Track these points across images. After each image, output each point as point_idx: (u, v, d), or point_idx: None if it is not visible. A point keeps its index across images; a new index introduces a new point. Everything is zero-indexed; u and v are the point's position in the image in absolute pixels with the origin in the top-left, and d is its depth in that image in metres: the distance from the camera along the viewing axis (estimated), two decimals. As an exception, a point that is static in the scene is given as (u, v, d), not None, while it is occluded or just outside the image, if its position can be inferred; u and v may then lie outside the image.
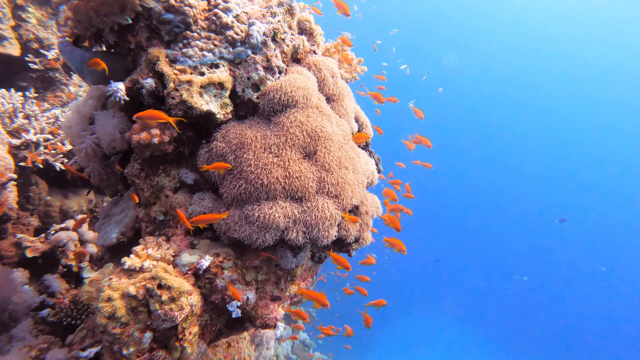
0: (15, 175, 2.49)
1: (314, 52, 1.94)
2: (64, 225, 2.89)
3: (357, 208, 1.82)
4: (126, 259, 1.45)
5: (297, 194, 1.53)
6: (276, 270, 1.64)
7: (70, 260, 2.77)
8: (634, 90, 24.64)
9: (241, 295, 1.52)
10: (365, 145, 2.13)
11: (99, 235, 1.75)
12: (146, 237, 1.55)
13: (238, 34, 1.59)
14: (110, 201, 1.92)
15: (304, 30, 1.93)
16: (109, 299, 1.34)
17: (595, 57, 25.29)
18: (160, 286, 1.37)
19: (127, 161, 1.68)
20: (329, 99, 1.85)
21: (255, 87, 1.62)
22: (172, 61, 1.54)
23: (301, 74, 1.70)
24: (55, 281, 2.69)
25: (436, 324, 16.50)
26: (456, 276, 20.46)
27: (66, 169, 1.93)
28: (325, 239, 1.56)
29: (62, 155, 2.86)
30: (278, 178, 1.50)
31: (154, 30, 1.58)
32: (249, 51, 1.61)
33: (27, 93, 3.06)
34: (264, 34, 1.63)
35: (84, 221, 2.73)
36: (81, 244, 2.90)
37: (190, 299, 1.40)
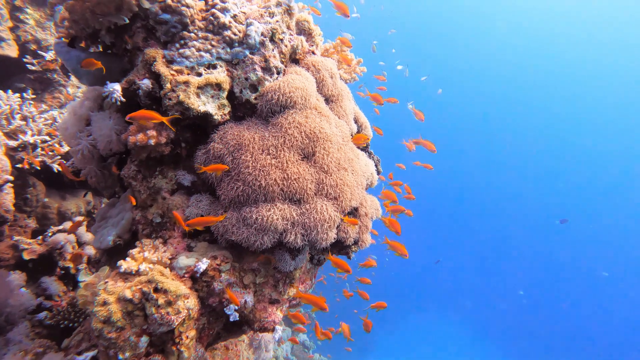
0: (11, 177, 2.47)
1: (313, 53, 1.93)
2: (61, 227, 2.87)
3: (357, 210, 1.80)
4: (122, 262, 1.43)
5: (296, 195, 1.51)
6: (274, 273, 1.62)
7: (68, 263, 2.75)
8: (635, 90, 24.63)
9: (239, 299, 1.51)
10: (364, 147, 2.11)
11: (96, 237, 1.73)
12: (143, 240, 1.53)
13: (236, 34, 1.57)
14: (107, 203, 1.90)
15: (302, 31, 1.92)
16: (105, 303, 1.32)
17: (596, 57, 25.30)
18: (156, 290, 1.35)
19: (124, 163, 1.66)
20: (327, 100, 1.83)
21: (253, 88, 1.61)
22: (169, 62, 1.52)
23: (300, 74, 1.69)
24: (53, 283, 2.67)
25: (436, 325, 16.46)
26: (456, 277, 20.43)
27: (62, 171, 1.92)
28: (324, 242, 1.55)
29: (60, 157, 2.84)
30: (276, 180, 1.48)
31: (150, 31, 1.56)
32: (247, 52, 1.59)
33: (25, 94, 3.04)
34: (262, 34, 1.61)
35: (80, 225, 2.71)
36: (79, 246, 2.88)
37: (187, 302, 1.38)
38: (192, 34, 1.54)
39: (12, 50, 3.22)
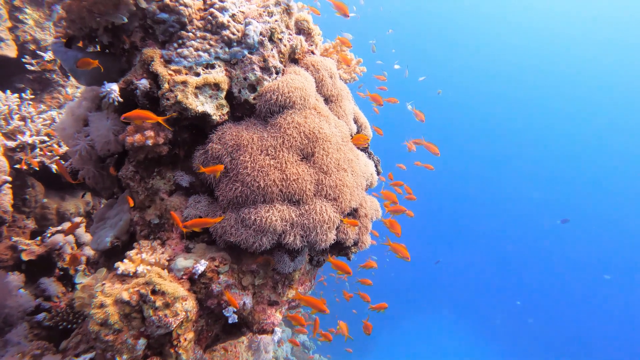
0: (10, 178, 2.46)
1: (312, 53, 1.92)
2: (60, 227, 2.86)
3: (356, 211, 1.78)
4: (119, 264, 1.41)
5: (295, 196, 1.50)
6: (273, 274, 1.61)
7: (67, 264, 2.74)
8: (639, 90, 24.58)
9: (238, 301, 1.49)
10: (364, 147, 2.10)
11: (94, 239, 1.72)
12: (140, 241, 1.52)
13: (234, 34, 1.56)
14: (106, 204, 1.89)
15: (301, 30, 1.90)
16: (102, 305, 1.30)
17: (596, 57, 25.27)
18: (154, 292, 1.34)
19: (123, 163, 1.65)
20: (327, 100, 1.82)
21: (252, 88, 1.59)
22: (167, 61, 1.51)
23: (299, 74, 1.67)
24: (52, 284, 2.65)
25: (436, 325, 16.44)
26: (456, 278, 20.40)
27: (59, 172, 1.91)
28: (324, 243, 1.53)
29: (59, 158, 2.83)
30: (275, 180, 1.47)
31: (148, 30, 1.55)
32: (246, 51, 1.58)
33: (24, 95, 3.03)
34: (261, 33, 1.60)
35: (78, 226, 2.70)
36: (78, 247, 2.87)
37: (185, 304, 1.36)
38: (190, 34, 1.53)
39: (11, 51, 3.21)
